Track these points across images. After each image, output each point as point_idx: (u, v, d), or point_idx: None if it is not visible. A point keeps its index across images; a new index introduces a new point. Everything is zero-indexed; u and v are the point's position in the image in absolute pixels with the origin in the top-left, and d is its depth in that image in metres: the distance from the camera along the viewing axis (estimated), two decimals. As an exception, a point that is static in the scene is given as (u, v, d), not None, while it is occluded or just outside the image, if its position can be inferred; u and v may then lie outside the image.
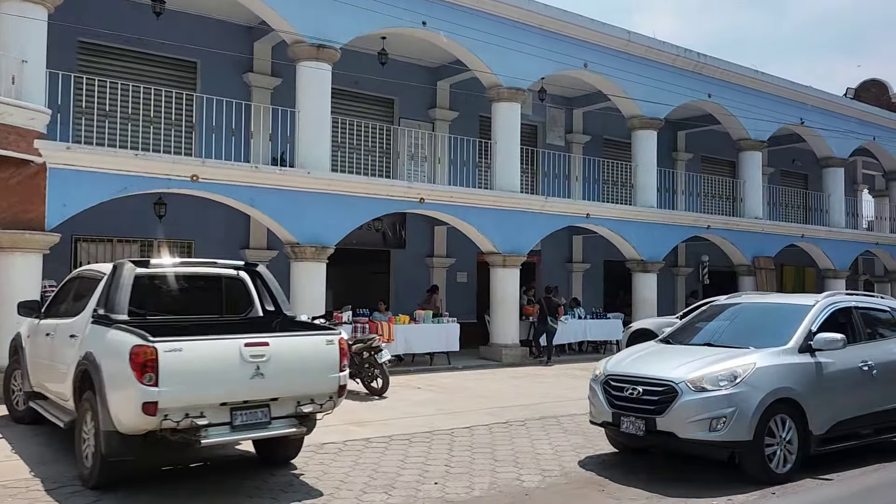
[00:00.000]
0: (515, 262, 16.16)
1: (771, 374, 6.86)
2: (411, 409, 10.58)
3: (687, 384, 6.75)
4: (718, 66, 20.18)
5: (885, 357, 7.87)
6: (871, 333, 8.07)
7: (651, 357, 7.63)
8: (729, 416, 6.56)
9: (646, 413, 6.93)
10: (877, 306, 8.55)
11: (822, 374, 7.18)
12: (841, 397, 7.34)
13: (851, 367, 7.50)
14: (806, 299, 8.01)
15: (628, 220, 18.41)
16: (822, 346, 7.21)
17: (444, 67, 18.03)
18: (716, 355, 7.19)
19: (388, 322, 14.38)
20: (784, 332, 7.38)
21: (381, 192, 14.17)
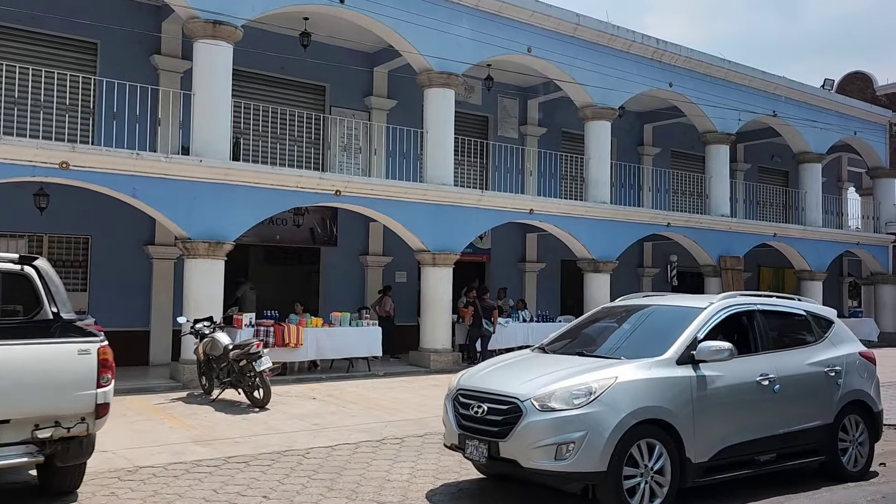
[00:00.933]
0: (447, 260, 14.95)
1: (636, 390, 5.64)
2: (282, 424, 9.40)
3: (533, 402, 5.54)
4: (679, 53, 18.94)
5: (792, 369, 6.66)
6: (778, 342, 6.83)
7: (511, 368, 6.40)
8: (578, 441, 5.34)
9: (489, 436, 5.73)
10: (788, 309, 7.26)
11: (705, 390, 5.95)
12: (731, 418, 6.11)
13: (746, 382, 6.28)
14: (699, 301, 6.76)
15: (578, 216, 17.17)
16: (705, 357, 5.98)
17: (382, 52, 16.79)
18: (579, 367, 5.98)
19: (297, 325, 13.21)
20: (666, 340, 6.16)
21: (289, 183, 12.99)
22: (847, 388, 6.99)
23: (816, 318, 7.33)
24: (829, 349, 7.08)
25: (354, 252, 17.19)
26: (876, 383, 7.48)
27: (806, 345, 7.02)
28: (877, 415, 7.32)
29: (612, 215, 17.78)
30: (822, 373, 6.87)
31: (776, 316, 7.05)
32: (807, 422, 6.63)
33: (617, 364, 5.93)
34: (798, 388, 6.63)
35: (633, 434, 5.49)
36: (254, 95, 15.62)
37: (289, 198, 13.08)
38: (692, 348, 6.02)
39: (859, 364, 7.28)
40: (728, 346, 6.02)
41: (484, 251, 19.49)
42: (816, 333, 7.16)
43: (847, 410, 6.98)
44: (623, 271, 22.09)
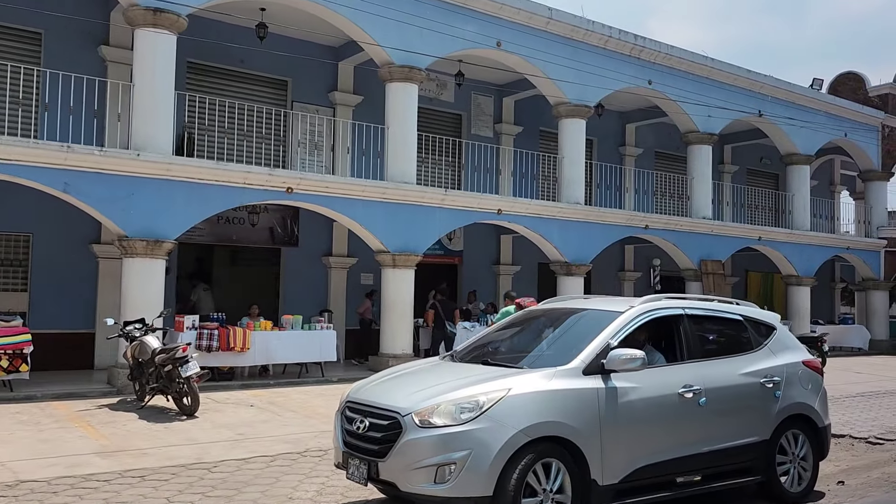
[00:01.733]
0: (408, 262, 14.34)
1: (530, 403, 5.00)
2: (204, 434, 8.81)
3: (413, 417, 4.92)
4: (658, 49, 18.33)
5: (722, 380, 5.99)
6: (708, 349, 6.18)
7: (404, 378, 5.77)
8: (460, 461, 4.71)
9: (369, 454, 5.13)
10: (722, 314, 6.58)
11: (615, 403, 5.32)
12: (647, 434, 5.47)
13: (666, 395, 5.63)
14: (619, 305, 6.11)
15: (549, 217, 16.56)
16: (616, 367, 5.34)
17: (347, 45, 16.16)
18: (472, 377, 5.35)
19: (245, 329, 12.62)
20: (577, 348, 5.54)
21: (235, 179, 12.40)
22: (787, 400, 6.32)
23: (755, 323, 6.62)
24: (768, 358, 6.39)
25: (317, 253, 16.59)
26: (822, 395, 6.81)
27: (741, 353, 6.34)
28: (822, 430, 6.65)
29: (586, 216, 17.17)
30: (757, 384, 6.19)
31: (707, 321, 6.40)
32: (738, 438, 5.97)
33: (514, 374, 5.30)
34: (728, 401, 5.98)
35: (525, 453, 4.84)
36: (210, 89, 15.06)
37: (235, 195, 12.49)
38: (602, 357, 5.37)
39: (802, 374, 6.59)
40: (640, 354, 5.36)
41: (455, 253, 18.90)
42: (754, 340, 6.47)
43: (787, 425, 6.32)
44: (603, 275, 21.55)
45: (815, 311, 27.29)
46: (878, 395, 14.22)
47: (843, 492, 7.12)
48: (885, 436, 10.23)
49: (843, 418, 11.41)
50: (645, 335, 6.13)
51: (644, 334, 6.11)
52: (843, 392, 14.36)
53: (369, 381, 5.90)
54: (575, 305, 6.59)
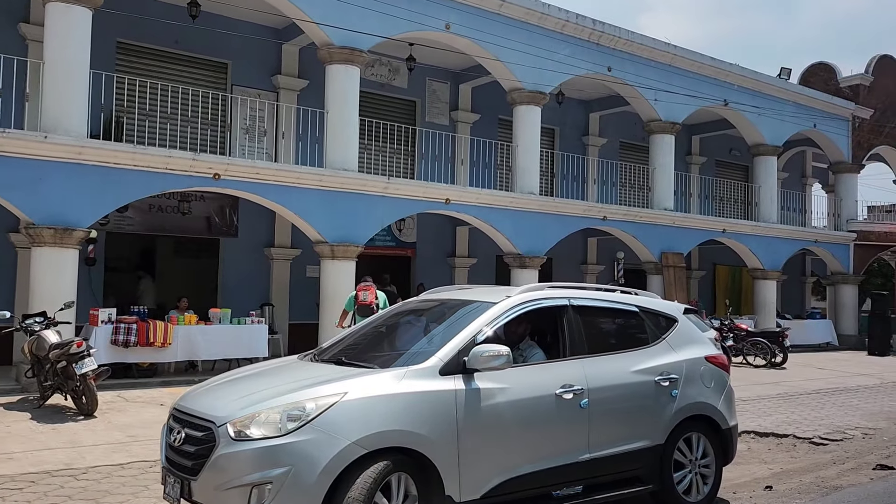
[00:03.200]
0: (347, 253, 13.70)
1: (371, 409, 4.37)
2: (92, 436, 8.16)
3: (229, 427, 4.25)
4: (618, 35, 17.73)
5: (609, 379, 5.39)
6: (594, 345, 5.57)
7: (245, 380, 5.09)
8: (278, 480, 4.05)
9: (182, 471, 4.46)
10: (614, 305, 5.96)
11: (477, 407, 4.71)
12: (516, 442, 4.86)
13: (541, 396, 5.01)
14: (495, 295, 5.49)
15: (501, 207, 15.95)
16: (478, 365, 4.72)
17: (291, 27, 15.43)
18: (310, 379, 4.70)
19: (167, 323, 11.95)
20: (437, 344, 4.94)
21: (156, 164, 11.71)
22: (685, 400, 5.75)
23: (653, 315, 6.02)
24: (666, 353, 5.81)
25: (258, 244, 15.92)
26: (728, 394, 6.22)
27: (635, 348, 5.77)
28: (726, 432, 6.08)
29: (541, 207, 16.58)
30: (651, 382, 5.60)
31: (597, 313, 5.80)
32: (627, 443, 5.39)
33: (356, 376, 4.64)
34: (616, 402, 5.40)
35: (361, 469, 4.20)
36: (143, 71, 14.34)
37: (156, 181, 11.79)
38: (465, 354, 4.74)
39: (705, 371, 6.00)
40: (504, 350, 4.72)
41: (408, 245, 18.28)
42: (651, 334, 5.88)
43: (685, 428, 5.75)
44: (566, 268, 21.03)
45: (786, 306, 26.92)
46: (835, 392, 13.75)
47: (766, 498, 6.58)
48: (831, 436, 9.74)
49: (790, 417, 10.92)
50: (525, 329, 5.56)
51: (524, 328, 5.55)
52: (800, 389, 13.89)
53: (208, 383, 5.23)
54: (451, 297, 5.92)
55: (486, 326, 4.99)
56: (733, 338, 17.11)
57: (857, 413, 11.45)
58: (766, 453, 8.90)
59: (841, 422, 10.68)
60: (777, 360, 17.06)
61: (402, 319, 5.97)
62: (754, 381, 14.63)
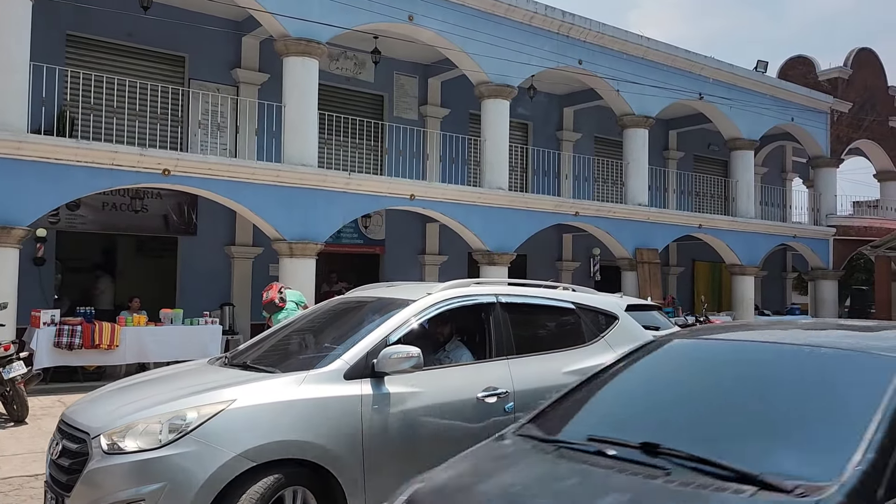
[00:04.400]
0: (306, 251, 13.28)
1: (262, 418, 3.98)
2: (15, 445, 7.75)
3: (102, 439, 3.86)
4: (589, 27, 17.38)
5: (537, 381, 4.98)
6: (524, 344, 5.21)
7: (139, 386, 4.70)
8: (150, 498, 3.66)
9: (58, 486, 4.06)
10: (548, 301, 5.60)
11: (387, 414, 4.35)
12: (430, 450, 4.37)
13: (461, 401, 4.65)
14: (415, 293, 5.12)
15: (469, 203, 15.56)
16: (387, 368, 4.36)
17: (251, 19, 14.97)
18: (201, 385, 4.30)
19: (113, 324, 11.51)
20: (345, 346, 4.57)
21: (102, 160, 11.24)
22: None
23: (591, 312, 5.68)
24: (604, 353, 5.41)
25: (218, 242, 15.47)
26: None
27: (569, 347, 5.42)
28: None
29: (511, 203, 16.20)
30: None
31: (529, 310, 5.44)
32: None
33: (250, 381, 4.27)
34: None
35: (250, 484, 3.80)
36: (95, 65, 13.86)
37: (102, 177, 11.33)
38: (374, 356, 4.39)
39: None
40: (415, 352, 4.36)
41: (377, 242, 17.88)
42: (588, 332, 5.55)
43: None
44: (540, 265, 20.68)
45: (767, 302, 26.70)
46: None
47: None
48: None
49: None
50: (450, 328, 5.21)
51: (449, 327, 5.22)
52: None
53: (102, 390, 4.84)
54: (371, 295, 5.57)
55: (400, 326, 4.64)
56: (708, 335, 16.72)
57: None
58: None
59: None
60: (752, 357, 16.70)
61: (320, 320, 5.58)
62: (727, 379, 14.29)
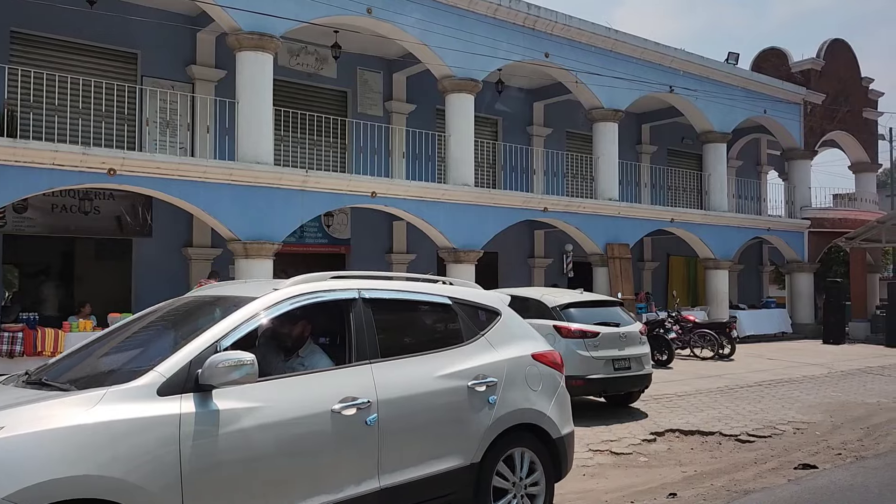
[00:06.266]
0: (263, 251, 12.90)
1: (38, 450, 3.15)
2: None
3: None
4: (555, 20, 17.08)
5: (406, 387, 4.39)
6: (392, 346, 4.60)
7: None
8: None
9: None
10: (418, 297, 4.95)
11: (214, 437, 3.58)
12: (272, 478, 3.75)
13: (312, 415, 3.95)
14: (259, 289, 4.38)
15: (433, 200, 15.23)
16: (215, 380, 3.58)
17: (205, 14, 14.59)
18: None
19: (59, 330, 11.08)
20: (162, 355, 3.80)
21: (41, 159, 10.81)
22: (507, 407, 4.85)
23: (469, 308, 5.10)
24: (484, 352, 4.92)
25: (175, 243, 15.06)
26: (560, 397, 5.32)
27: (445, 348, 4.81)
28: (558, 442, 5.17)
29: (477, 199, 15.89)
30: (463, 388, 4.67)
31: (397, 307, 4.81)
32: (432, 465, 4.42)
33: (28, 402, 3.41)
34: (416, 416, 4.42)
35: None
36: (42, 63, 13.42)
37: (41, 178, 10.90)
38: (199, 365, 3.63)
39: (531, 372, 5.12)
40: (248, 358, 3.63)
41: (342, 241, 17.52)
42: (466, 330, 4.96)
43: (508, 441, 4.85)
44: (512, 262, 20.41)
45: (743, 296, 26.56)
46: (778, 384, 13.20)
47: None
48: (760, 432, 9.15)
49: (723, 412, 10.32)
50: (304, 330, 4.55)
51: (302, 329, 4.54)
52: (742, 381, 13.33)
53: None
54: (212, 293, 4.79)
55: (235, 329, 3.89)
56: (681, 329, 16.50)
57: (794, 406, 10.88)
58: (687, 454, 8.28)
59: (775, 416, 10.10)
60: (725, 352, 16.51)
61: (149, 323, 4.66)
62: (697, 375, 14.05)
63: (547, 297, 10.40)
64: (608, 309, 10.62)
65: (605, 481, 7.01)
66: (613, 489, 6.68)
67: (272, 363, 4.34)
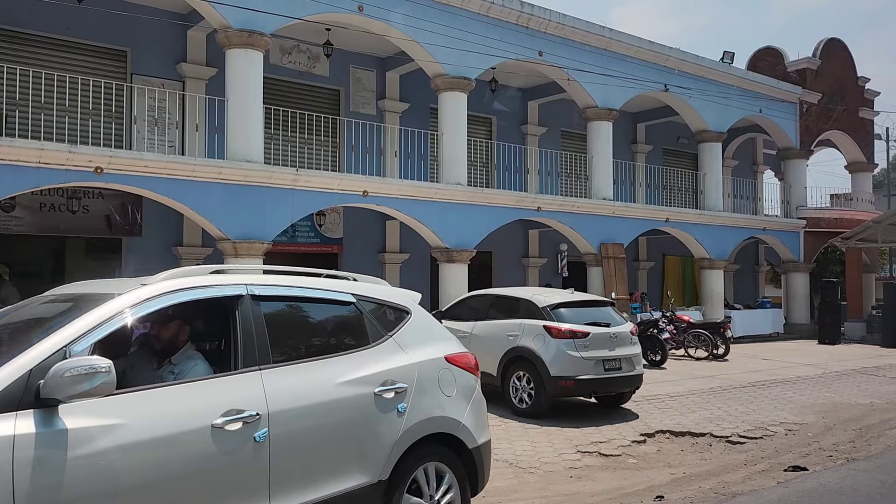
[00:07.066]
0: (252, 251, 12.78)
1: None
2: None
3: None
4: (549, 18, 16.97)
5: (301, 397, 3.91)
6: (287, 350, 4.10)
7: None
8: None
9: None
10: (317, 294, 4.39)
11: (61, 461, 3.02)
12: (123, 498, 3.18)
13: (187, 431, 3.41)
14: (126, 285, 3.84)
15: (425, 199, 15.12)
16: (59, 393, 3.04)
17: (195, 11, 14.46)
18: None
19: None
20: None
21: (26, 158, 10.68)
22: (418, 416, 4.40)
23: (376, 307, 4.65)
24: (393, 355, 4.49)
25: (166, 243, 14.95)
26: (476, 403, 4.88)
27: (348, 351, 4.34)
28: (475, 453, 4.71)
29: (470, 198, 15.78)
30: (368, 396, 4.20)
31: (294, 305, 4.35)
32: (334, 485, 3.94)
33: None
34: (313, 429, 3.92)
35: None
36: (30, 60, 13.31)
37: (27, 176, 10.78)
38: (41, 375, 3.08)
39: (445, 376, 4.69)
40: (103, 365, 3.09)
41: (334, 241, 17.40)
42: (372, 331, 4.51)
43: (419, 454, 4.40)
44: (506, 262, 20.33)
45: (739, 296, 26.47)
46: (772, 384, 13.12)
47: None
48: (752, 433, 9.07)
49: (716, 413, 10.24)
50: (179, 332, 4.10)
51: (176, 331, 4.09)
52: (736, 382, 13.24)
53: None
54: (72, 290, 4.18)
55: (90, 331, 3.32)
56: (675, 329, 16.40)
57: (787, 407, 10.80)
58: (677, 455, 8.19)
59: (767, 417, 10.02)
60: (719, 352, 16.44)
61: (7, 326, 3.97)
62: (690, 375, 13.96)
63: (537, 297, 10.30)
64: (599, 309, 10.53)
65: (593, 483, 6.92)
66: (600, 491, 6.59)
67: (141, 372, 3.89)
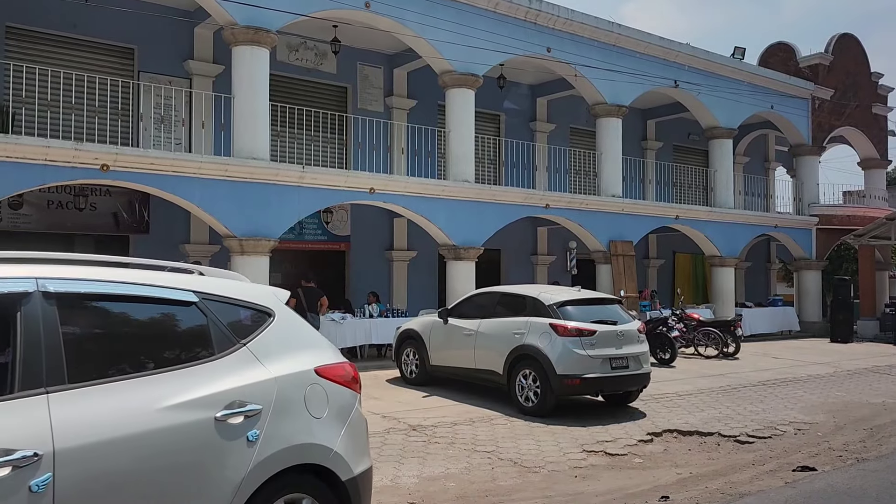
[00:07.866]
0: (259, 248, 12.76)
1: None
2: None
3: None
4: (557, 14, 16.84)
5: (107, 429, 3.01)
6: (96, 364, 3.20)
7: None
8: None
9: None
10: (143, 292, 3.42)
11: None
12: None
13: None
14: None
15: (433, 196, 15.04)
16: None
17: (202, 9, 14.46)
18: None
19: None
20: None
21: (33, 155, 10.66)
22: (276, 445, 3.55)
23: (227, 307, 3.71)
24: (245, 369, 3.60)
25: (173, 241, 14.94)
26: (354, 425, 4.00)
27: (184, 364, 3.42)
28: (349, 485, 3.83)
29: (478, 196, 15.69)
30: (207, 422, 3.34)
31: (105, 306, 3.34)
32: None
33: None
34: (122, 471, 3.03)
35: None
36: (37, 58, 13.33)
37: (33, 174, 10.78)
38: None
39: (313, 392, 3.82)
40: None
41: (342, 238, 17.36)
42: (220, 339, 3.59)
43: (277, 489, 3.55)
44: (516, 259, 20.24)
45: (751, 293, 26.25)
46: (782, 383, 12.96)
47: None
48: (760, 432, 8.95)
49: (724, 412, 10.12)
50: None
51: None
52: (745, 381, 13.10)
53: None
54: None
55: None
56: (685, 327, 16.25)
57: (797, 406, 10.67)
58: (684, 455, 8.09)
59: (777, 416, 9.89)
60: (729, 351, 16.29)
61: None
62: (700, 373, 13.83)
63: (544, 294, 10.22)
64: (606, 307, 10.43)
65: (597, 483, 6.83)
66: (604, 491, 6.50)
67: None
